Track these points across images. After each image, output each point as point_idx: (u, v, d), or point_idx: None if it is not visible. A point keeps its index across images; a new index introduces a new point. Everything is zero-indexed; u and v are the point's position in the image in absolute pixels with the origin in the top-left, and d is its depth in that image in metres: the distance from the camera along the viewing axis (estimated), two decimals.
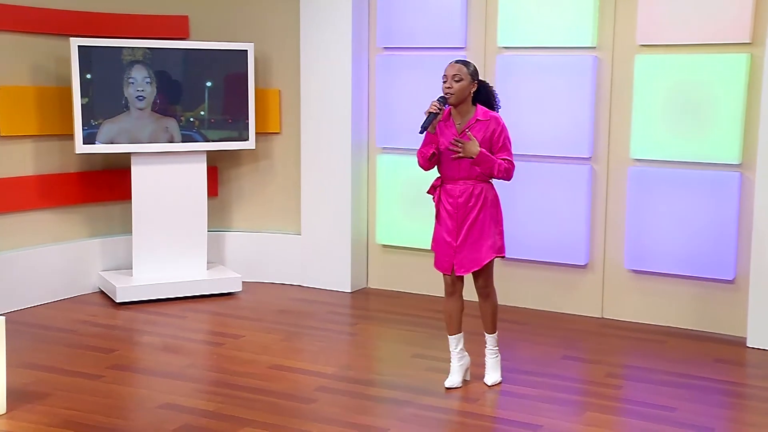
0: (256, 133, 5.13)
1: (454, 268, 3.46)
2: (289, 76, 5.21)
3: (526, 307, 4.81)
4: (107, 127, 4.60)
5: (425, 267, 4.96)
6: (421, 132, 3.28)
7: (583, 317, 4.69)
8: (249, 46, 4.99)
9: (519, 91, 4.60)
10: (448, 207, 3.45)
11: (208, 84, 4.79)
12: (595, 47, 4.56)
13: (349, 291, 5.14)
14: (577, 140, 4.58)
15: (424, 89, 4.71)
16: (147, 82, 4.54)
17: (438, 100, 3.34)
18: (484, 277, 3.50)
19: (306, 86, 5.12)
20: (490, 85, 3.50)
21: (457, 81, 3.35)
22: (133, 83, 4.53)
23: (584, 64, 4.54)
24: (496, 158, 3.41)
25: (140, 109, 4.60)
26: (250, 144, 5.04)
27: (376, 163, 5.14)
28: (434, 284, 4.92)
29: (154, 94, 4.58)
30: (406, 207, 5.03)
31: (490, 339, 3.60)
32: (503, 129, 3.43)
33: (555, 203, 4.64)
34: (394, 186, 5.07)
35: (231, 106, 4.96)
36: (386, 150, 5.12)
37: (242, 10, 5.22)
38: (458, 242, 3.43)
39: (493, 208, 3.48)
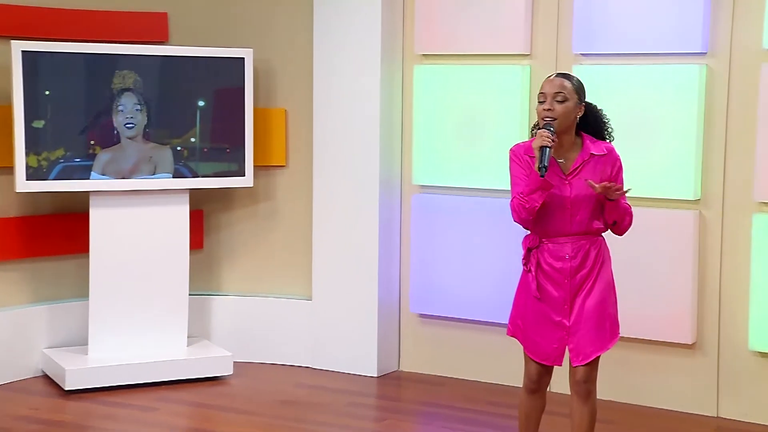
0: (255, 166, 5.09)
1: (570, 356, 3.32)
2: (298, 91, 5.21)
3: (613, 399, 4.65)
4: (103, 156, 4.73)
5: (476, 344, 4.96)
6: (542, 174, 3.17)
7: (692, 416, 4.53)
8: (246, 53, 4.97)
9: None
10: (553, 273, 3.32)
11: (201, 103, 4.87)
12: (705, 53, 4.43)
13: (376, 375, 5.08)
14: (681, 177, 4.47)
15: (479, 108, 4.80)
16: (137, 110, 4.75)
17: (547, 128, 3.22)
18: (590, 368, 3.33)
19: (320, 105, 5.12)
20: (598, 107, 3.40)
21: (560, 102, 3.26)
22: (122, 110, 4.73)
23: (690, 76, 4.43)
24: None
25: (130, 138, 4.77)
26: (246, 180, 5.03)
27: (411, 206, 5.09)
28: (488, 367, 4.93)
29: (145, 122, 4.79)
30: (452, 264, 4.96)
31: None
32: (621, 165, 3.36)
33: (649, 261, 4.52)
34: (437, 236, 5.00)
35: (221, 131, 4.98)
36: (426, 189, 5.07)
37: (238, 7, 5.24)
38: (572, 321, 3.31)
39: (609, 269, 3.38)
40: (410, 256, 5.08)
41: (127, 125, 4.73)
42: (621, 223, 3.34)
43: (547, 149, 3.17)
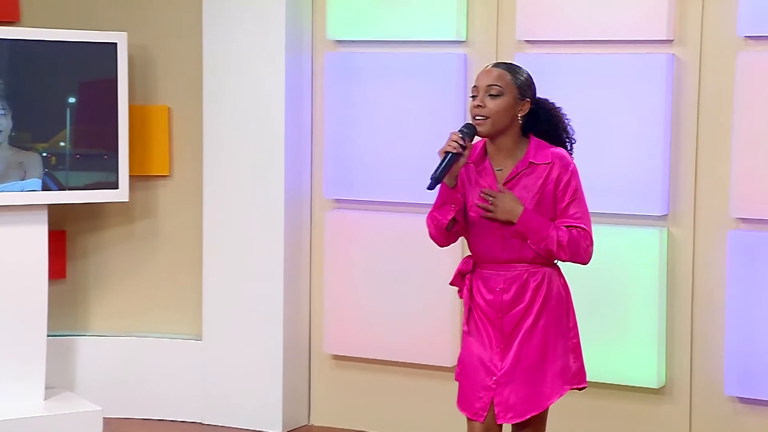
0: (131, 176, 5.02)
1: (494, 411, 3.24)
2: (184, 85, 5.17)
3: None
4: None
5: (403, 391, 4.93)
6: (430, 187, 3.16)
7: None
8: (119, 37, 4.91)
9: None
10: (485, 307, 3.31)
11: (71, 100, 4.86)
12: (672, 41, 4.41)
13: (281, 431, 5.01)
14: (645, 188, 4.46)
15: (405, 105, 4.78)
16: (2, 114, 4.77)
17: (461, 130, 3.20)
18: (533, 426, 3.29)
19: (212, 101, 5.06)
20: (556, 104, 3.37)
21: (493, 96, 3.22)
22: None
23: (655, 67, 4.41)
24: (553, 224, 3.25)
25: None
26: (120, 194, 4.96)
27: (324, 225, 5.05)
28: (418, 420, 4.90)
29: (11, 126, 4.79)
30: (375, 295, 4.93)
31: None
32: (573, 176, 3.28)
33: (607, 289, 4.52)
34: (356, 261, 4.98)
35: (90, 134, 4.91)
36: (342, 204, 5.05)
37: None
38: (503, 367, 3.26)
39: (560, 307, 3.33)
40: (323, 285, 5.04)
41: None
42: (544, 250, 3.22)
43: (450, 156, 3.13)
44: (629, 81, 4.41)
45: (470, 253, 3.37)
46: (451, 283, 3.39)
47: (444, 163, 3.13)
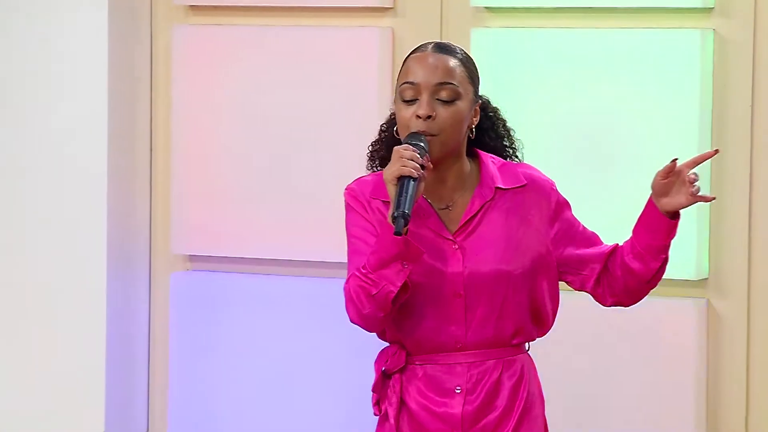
0: None
1: None
2: None
3: None
4: None
5: None
6: (399, 230, 2.85)
7: None
8: None
9: (523, 110, 4.27)
10: (431, 423, 3.03)
11: None
12: (711, 9, 4.16)
13: None
14: (674, 240, 4.22)
15: (299, 106, 4.61)
16: None
17: (412, 143, 2.91)
18: None
19: None
20: (491, 103, 3.19)
21: (446, 102, 2.94)
22: None
23: (687, 48, 4.20)
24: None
25: None
26: None
27: (168, 293, 4.75)
28: None
29: None
30: (247, 395, 4.65)
31: None
32: (567, 204, 3.13)
33: (623, 389, 4.31)
34: (215, 344, 4.71)
35: None
36: (195, 261, 4.79)
37: None
38: None
39: (542, 416, 3.12)
40: (168, 383, 4.75)
41: None
42: (658, 265, 2.97)
43: (411, 183, 2.82)
44: (647, 68, 4.19)
45: (392, 342, 3.03)
46: (373, 389, 3.06)
47: (406, 192, 2.77)
